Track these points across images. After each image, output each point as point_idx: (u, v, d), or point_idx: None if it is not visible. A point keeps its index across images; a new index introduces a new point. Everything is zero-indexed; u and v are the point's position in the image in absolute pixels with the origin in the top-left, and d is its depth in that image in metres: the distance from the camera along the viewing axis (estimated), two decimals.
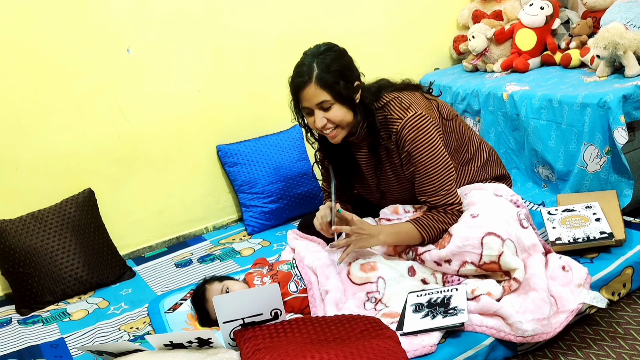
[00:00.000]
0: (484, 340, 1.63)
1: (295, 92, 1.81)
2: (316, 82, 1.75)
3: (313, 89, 1.76)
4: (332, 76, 1.76)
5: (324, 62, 1.77)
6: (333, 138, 1.86)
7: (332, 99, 1.77)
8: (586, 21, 2.65)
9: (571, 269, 1.76)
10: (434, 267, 1.86)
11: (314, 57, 1.78)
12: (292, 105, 1.88)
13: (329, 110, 1.79)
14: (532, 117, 2.45)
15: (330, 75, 1.76)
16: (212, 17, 2.63)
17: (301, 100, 1.81)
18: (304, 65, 1.79)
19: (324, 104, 1.78)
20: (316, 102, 1.78)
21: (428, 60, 3.28)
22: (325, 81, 1.75)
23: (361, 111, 1.85)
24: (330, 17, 2.90)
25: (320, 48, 1.81)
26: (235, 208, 2.86)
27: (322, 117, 1.80)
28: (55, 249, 2.27)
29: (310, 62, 1.77)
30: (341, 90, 1.77)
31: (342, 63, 1.80)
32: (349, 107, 1.81)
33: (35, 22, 2.29)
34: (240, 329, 1.61)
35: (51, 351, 1.95)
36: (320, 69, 1.76)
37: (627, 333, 1.70)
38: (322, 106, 1.78)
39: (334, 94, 1.77)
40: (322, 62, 1.77)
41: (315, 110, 1.80)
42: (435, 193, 1.85)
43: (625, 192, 2.21)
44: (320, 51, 1.80)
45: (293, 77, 1.82)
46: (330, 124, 1.81)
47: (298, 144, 2.78)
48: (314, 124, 1.83)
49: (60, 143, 2.42)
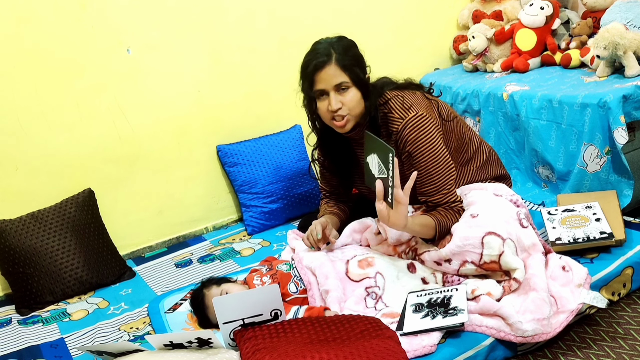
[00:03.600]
0: (484, 341, 1.63)
1: (313, 72, 1.79)
2: (336, 63, 1.77)
3: (333, 69, 1.77)
4: (350, 60, 1.78)
5: (341, 46, 1.79)
6: (342, 127, 1.84)
7: (350, 81, 1.78)
8: (586, 21, 2.65)
9: (571, 269, 1.76)
10: (434, 267, 1.86)
11: (329, 44, 1.80)
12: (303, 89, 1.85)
13: (345, 93, 1.79)
14: (532, 117, 2.45)
15: (348, 59, 1.78)
16: (212, 17, 2.63)
17: (317, 81, 1.79)
18: (321, 48, 1.80)
19: (343, 85, 1.78)
20: (335, 83, 1.78)
21: (428, 60, 3.28)
22: (345, 63, 1.77)
23: (372, 102, 1.85)
24: (330, 17, 2.90)
25: (333, 38, 1.84)
26: (235, 208, 2.86)
27: (338, 100, 1.79)
28: (55, 249, 2.27)
29: (327, 46, 1.79)
30: (359, 73, 1.79)
31: (356, 51, 1.84)
32: (363, 94, 1.82)
33: (35, 22, 2.29)
34: (240, 329, 1.61)
35: (51, 351, 1.95)
36: (338, 52, 1.78)
37: (627, 333, 1.70)
38: (340, 87, 1.78)
39: (352, 77, 1.78)
40: (339, 47, 1.79)
41: (331, 93, 1.79)
42: (437, 193, 1.86)
43: (625, 192, 2.21)
44: (335, 40, 1.82)
45: (309, 59, 1.81)
46: (344, 108, 1.80)
47: (298, 144, 2.78)
48: (326, 108, 1.81)
49: (60, 143, 2.42)
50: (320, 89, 1.80)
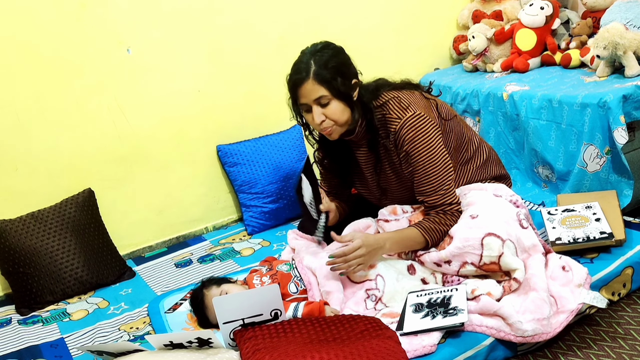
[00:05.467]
0: (484, 340, 1.63)
1: (293, 88, 1.82)
2: (314, 78, 1.76)
3: (311, 85, 1.77)
4: (330, 72, 1.77)
5: (321, 59, 1.78)
6: (330, 135, 1.87)
7: (330, 94, 1.78)
8: (586, 21, 2.65)
9: (571, 269, 1.75)
10: (434, 268, 1.86)
11: (311, 55, 1.79)
12: (291, 104, 1.88)
13: (326, 107, 1.79)
14: (532, 117, 2.45)
15: (327, 72, 1.77)
16: (212, 16, 2.62)
17: (299, 97, 1.82)
18: (302, 62, 1.80)
19: (322, 100, 1.78)
20: (314, 98, 1.78)
21: (428, 60, 3.28)
22: (323, 77, 1.76)
23: (359, 109, 1.86)
24: (330, 16, 2.90)
25: (317, 46, 1.83)
26: (235, 208, 2.86)
27: (320, 113, 1.80)
28: (55, 249, 2.27)
29: (308, 60, 1.79)
30: (339, 86, 1.78)
31: (339, 60, 1.81)
32: (347, 104, 1.82)
33: (35, 22, 2.29)
34: (240, 329, 1.61)
35: (51, 351, 1.95)
36: (318, 65, 1.77)
37: (627, 333, 1.70)
38: (320, 102, 1.79)
39: (331, 90, 1.78)
40: (319, 59, 1.78)
41: (313, 107, 1.80)
42: (434, 193, 1.85)
43: (625, 192, 2.21)
44: (317, 49, 1.81)
45: (291, 74, 1.83)
46: (327, 120, 1.81)
47: (298, 144, 2.78)
48: (312, 121, 1.83)
49: (60, 143, 2.42)
50: (303, 103, 1.83)
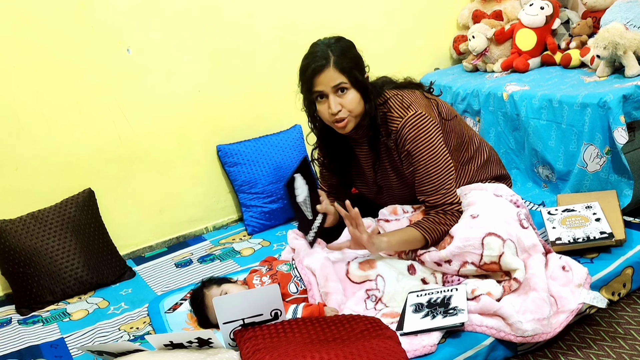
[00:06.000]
0: (484, 340, 1.63)
1: (312, 76, 1.79)
2: (334, 66, 1.77)
3: (332, 72, 1.77)
4: (349, 62, 1.78)
5: (339, 48, 1.79)
6: (343, 128, 1.84)
7: (349, 83, 1.78)
8: (586, 21, 2.65)
9: (571, 269, 1.75)
10: (434, 268, 1.86)
11: (327, 46, 1.80)
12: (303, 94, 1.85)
13: (344, 95, 1.79)
14: (532, 117, 2.45)
15: (347, 61, 1.78)
16: (212, 17, 2.62)
17: (316, 84, 1.79)
18: (319, 51, 1.80)
19: (342, 86, 1.78)
20: (333, 85, 1.78)
21: (428, 60, 3.28)
22: (343, 65, 1.77)
23: (371, 102, 1.86)
24: (330, 17, 2.90)
25: (331, 39, 1.83)
26: (235, 208, 2.86)
27: (338, 102, 1.79)
28: (55, 249, 2.27)
29: (325, 49, 1.79)
30: (357, 76, 1.79)
31: (355, 52, 1.83)
32: (363, 95, 1.82)
33: (35, 22, 2.29)
34: (240, 329, 1.61)
35: (51, 351, 1.95)
36: (337, 54, 1.78)
37: (627, 333, 1.70)
38: (339, 88, 1.78)
39: (351, 79, 1.78)
40: (337, 49, 1.79)
41: (330, 95, 1.79)
42: (435, 192, 1.85)
43: (625, 192, 2.21)
44: (332, 41, 1.82)
45: (307, 62, 1.81)
46: (344, 110, 1.80)
47: (298, 144, 2.78)
48: (327, 110, 1.81)
49: (60, 143, 2.42)
50: (319, 91, 1.80)
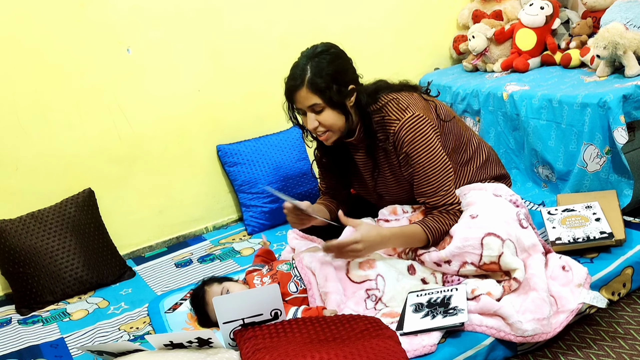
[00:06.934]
0: (484, 340, 1.63)
1: (289, 94, 1.82)
2: (308, 86, 1.76)
3: (305, 93, 1.77)
4: (324, 80, 1.76)
5: (317, 65, 1.77)
6: (325, 141, 1.88)
7: (323, 102, 1.78)
8: (586, 21, 2.65)
9: (571, 268, 1.75)
10: (434, 268, 1.86)
11: (308, 60, 1.78)
12: (286, 107, 1.89)
13: (320, 114, 1.80)
14: (532, 117, 2.45)
15: (322, 80, 1.76)
16: (212, 17, 2.63)
17: (294, 101, 1.83)
18: (298, 67, 1.79)
19: (316, 107, 1.79)
20: (307, 105, 1.79)
21: (428, 60, 3.28)
22: (317, 86, 1.76)
23: (356, 115, 1.86)
24: (330, 17, 2.90)
25: (316, 49, 1.81)
26: (235, 208, 2.86)
27: (314, 119, 1.81)
28: (55, 249, 2.27)
29: (304, 65, 1.78)
30: (332, 95, 1.77)
31: (336, 66, 1.79)
32: (341, 112, 1.82)
33: (35, 22, 2.29)
34: (240, 329, 1.61)
35: (51, 351, 1.95)
36: (313, 73, 1.76)
37: (627, 333, 1.70)
38: (313, 109, 1.79)
39: (325, 99, 1.77)
40: (315, 66, 1.76)
41: (307, 113, 1.81)
42: (435, 194, 1.85)
43: (625, 192, 2.21)
44: (316, 53, 1.79)
45: (287, 79, 1.83)
46: (321, 127, 1.82)
47: (298, 144, 2.78)
48: (307, 125, 1.85)
49: (60, 143, 2.42)
50: (298, 108, 1.84)
